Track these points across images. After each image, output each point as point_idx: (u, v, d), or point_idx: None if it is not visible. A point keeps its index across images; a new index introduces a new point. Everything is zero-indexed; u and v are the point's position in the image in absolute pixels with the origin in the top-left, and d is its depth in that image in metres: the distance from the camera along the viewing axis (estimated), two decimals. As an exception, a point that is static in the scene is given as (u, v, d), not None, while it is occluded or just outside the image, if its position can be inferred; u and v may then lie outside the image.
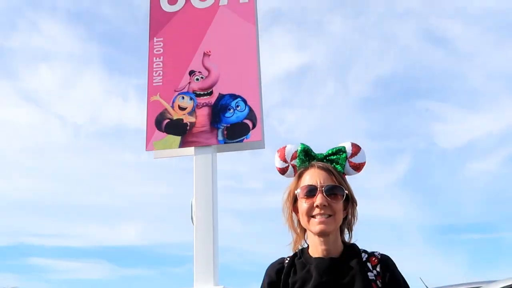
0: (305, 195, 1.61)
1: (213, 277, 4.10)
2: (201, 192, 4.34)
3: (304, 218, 1.62)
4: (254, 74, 4.60)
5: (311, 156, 1.72)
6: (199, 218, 4.28)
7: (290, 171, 1.75)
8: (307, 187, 1.62)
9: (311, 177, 1.64)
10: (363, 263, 1.60)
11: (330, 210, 1.58)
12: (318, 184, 1.60)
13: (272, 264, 1.72)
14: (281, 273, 1.64)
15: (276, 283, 1.63)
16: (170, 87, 4.68)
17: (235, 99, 4.53)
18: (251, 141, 4.43)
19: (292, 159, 1.75)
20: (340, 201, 1.61)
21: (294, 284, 1.59)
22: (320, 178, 1.62)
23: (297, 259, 1.67)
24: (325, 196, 1.58)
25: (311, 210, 1.60)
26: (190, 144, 4.49)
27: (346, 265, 1.59)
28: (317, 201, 1.58)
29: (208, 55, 4.71)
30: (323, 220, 1.57)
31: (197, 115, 4.55)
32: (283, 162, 1.76)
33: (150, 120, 4.62)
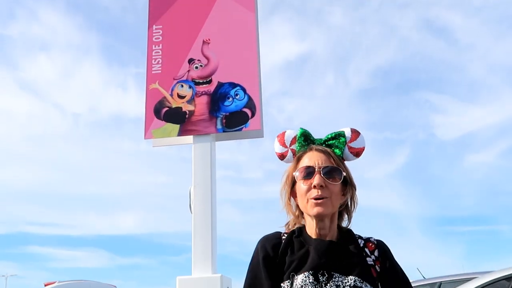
0: (303, 177, 1.61)
1: (211, 265, 4.11)
2: (199, 180, 4.34)
3: (303, 200, 1.61)
4: (254, 63, 4.58)
5: (310, 140, 1.72)
6: (197, 207, 4.28)
7: (290, 156, 1.75)
8: (305, 168, 1.61)
9: (309, 159, 1.64)
10: (361, 248, 1.60)
11: (328, 192, 1.57)
12: (316, 165, 1.60)
13: (267, 237, 1.68)
14: (277, 249, 1.61)
15: (271, 258, 1.60)
16: (169, 75, 4.66)
17: (234, 87, 4.51)
18: (250, 130, 4.42)
19: (291, 144, 1.75)
20: (338, 183, 1.60)
21: (292, 263, 1.57)
22: (319, 160, 1.62)
23: (295, 237, 1.65)
24: (323, 177, 1.58)
25: (309, 191, 1.59)
26: (189, 132, 4.48)
27: (345, 249, 1.59)
28: (315, 181, 1.57)
29: (207, 43, 4.69)
30: (320, 202, 1.56)
31: (196, 104, 4.53)
32: (283, 147, 1.76)
33: (148, 108, 4.60)
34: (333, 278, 1.50)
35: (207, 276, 4.04)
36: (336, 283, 1.49)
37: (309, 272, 1.52)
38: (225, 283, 4.05)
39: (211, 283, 3.96)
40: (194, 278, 4.05)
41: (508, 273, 4.19)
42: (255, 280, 1.60)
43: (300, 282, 1.50)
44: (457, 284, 5.11)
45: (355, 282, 1.48)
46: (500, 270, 4.33)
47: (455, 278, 6.47)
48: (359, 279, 1.49)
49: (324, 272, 1.51)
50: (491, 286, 4.29)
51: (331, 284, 1.49)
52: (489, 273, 4.50)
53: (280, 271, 1.57)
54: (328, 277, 1.51)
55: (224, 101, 4.48)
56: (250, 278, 1.62)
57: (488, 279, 4.33)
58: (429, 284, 6.87)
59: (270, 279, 1.56)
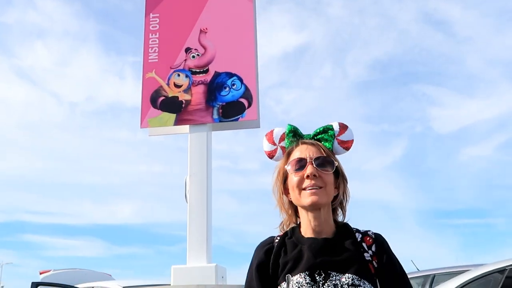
0: (295, 169, 1.58)
1: (206, 254, 4.12)
2: (195, 170, 4.33)
3: (296, 192, 1.57)
4: (251, 53, 4.55)
5: (299, 135, 1.69)
6: (192, 196, 4.28)
7: (279, 153, 1.72)
8: (297, 161, 1.59)
9: (300, 152, 1.61)
10: (358, 244, 1.56)
11: (321, 182, 1.54)
12: (308, 157, 1.58)
13: (261, 243, 1.67)
14: (270, 253, 1.59)
15: (265, 264, 1.57)
16: (165, 64, 4.63)
17: (231, 77, 4.49)
18: (247, 120, 4.40)
19: (280, 140, 1.72)
20: (331, 173, 1.57)
21: (286, 264, 1.54)
22: (310, 152, 1.60)
23: (288, 238, 1.62)
24: (315, 167, 1.55)
25: (302, 182, 1.55)
26: (185, 122, 4.47)
27: (341, 246, 1.55)
28: (307, 171, 1.54)
29: (204, 32, 4.65)
30: (315, 191, 1.53)
31: (192, 93, 4.51)
32: (272, 145, 1.73)
33: (145, 97, 4.57)
34: (330, 277, 1.47)
35: (202, 265, 4.05)
36: (333, 282, 1.46)
37: (305, 273, 1.48)
38: (219, 272, 4.06)
39: (206, 272, 3.97)
40: (189, 267, 4.06)
41: (501, 266, 4.20)
42: None
43: (296, 283, 1.47)
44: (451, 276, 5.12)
45: (352, 280, 1.45)
46: (494, 263, 4.34)
47: (449, 270, 6.50)
48: (357, 276, 1.46)
49: (320, 272, 1.48)
50: (484, 278, 4.30)
51: (328, 283, 1.46)
52: (482, 265, 4.51)
53: (275, 274, 1.55)
54: (325, 276, 1.47)
55: (220, 90, 4.46)
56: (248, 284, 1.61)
57: (481, 271, 4.34)
58: (423, 276, 6.89)
59: (263, 286, 1.55)
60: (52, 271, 9.71)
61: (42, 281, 8.05)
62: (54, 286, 6.80)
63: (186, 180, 4.35)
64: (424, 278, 6.80)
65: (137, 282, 6.59)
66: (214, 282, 3.89)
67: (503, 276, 4.10)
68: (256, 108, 4.37)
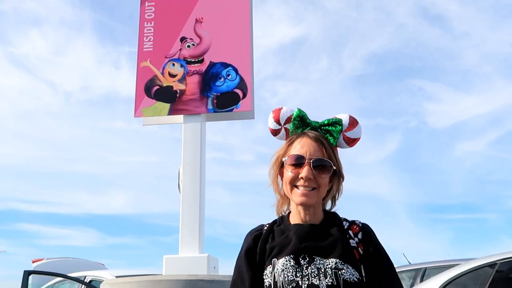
0: (292, 164, 1.57)
1: (198, 245, 4.12)
2: (189, 160, 4.32)
3: (288, 186, 1.58)
4: (247, 43, 4.53)
5: (305, 123, 1.67)
6: (186, 186, 4.27)
7: (282, 133, 1.70)
8: (295, 157, 1.57)
9: (301, 147, 1.59)
10: (345, 231, 1.58)
11: (315, 183, 1.55)
12: (307, 156, 1.56)
13: (250, 231, 1.69)
14: (259, 240, 1.61)
15: (253, 250, 1.60)
16: (160, 53, 4.60)
17: (226, 67, 4.47)
18: (241, 111, 4.39)
19: (286, 122, 1.69)
20: (327, 175, 1.57)
21: (272, 249, 1.56)
22: (310, 149, 1.57)
23: (276, 226, 1.64)
24: (312, 169, 1.54)
25: (296, 180, 1.56)
26: (179, 112, 4.45)
27: (326, 231, 1.56)
28: (302, 173, 1.54)
29: (200, 22, 4.62)
30: (306, 193, 1.54)
31: (187, 83, 4.49)
32: (277, 124, 1.70)
33: (139, 86, 4.55)
34: (314, 261, 1.49)
35: (194, 255, 4.05)
36: (317, 266, 1.48)
37: (290, 256, 1.51)
38: (211, 263, 4.07)
39: (198, 262, 3.97)
40: (181, 257, 4.06)
41: (491, 260, 4.22)
42: (239, 273, 1.61)
43: (281, 266, 1.50)
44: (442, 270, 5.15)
45: (336, 264, 1.48)
46: (484, 257, 4.37)
47: (440, 264, 6.54)
48: (340, 261, 1.48)
49: (305, 256, 1.51)
50: (475, 272, 4.33)
51: (312, 267, 1.48)
52: (473, 260, 4.54)
53: (262, 260, 1.57)
54: (309, 260, 1.50)
55: (215, 81, 4.44)
56: (235, 273, 1.63)
57: (472, 265, 4.37)
58: (414, 270, 6.93)
59: (251, 270, 1.57)
60: (44, 260, 9.71)
61: (35, 270, 8.05)
62: (46, 274, 6.80)
63: (179, 170, 4.34)
64: (415, 272, 6.84)
65: (130, 271, 6.59)
66: (206, 272, 3.90)
67: (494, 270, 4.13)
68: (250, 99, 4.36)
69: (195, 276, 3.46)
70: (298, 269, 1.49)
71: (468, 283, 4.34)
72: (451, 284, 4.42)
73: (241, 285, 1.58)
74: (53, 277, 7.08)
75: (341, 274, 1.46)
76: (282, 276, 1.48)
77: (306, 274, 1.47)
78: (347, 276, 1.46)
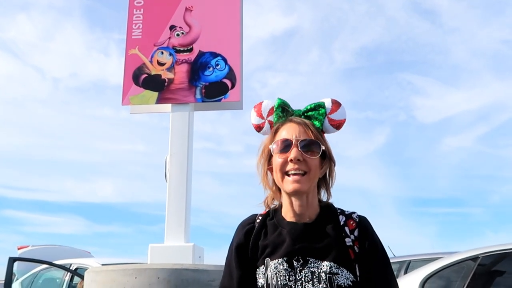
0: (279, 150, 1.53)
1: (184, 234, 4.12)
2: (176, 149, 4.31)
3: (278, 174, 1.53)
4: (236, 33, 4.50)
5: (288, 111, 1.63)
6: (172, 176, 4.26)
7: (267, 127, 1.65)
8: (282, 141, 1.53)
9: (287, 132, 1.55)
10: (340, 228, 1.52)
11: (305, 166, 1.49)
12: (294, 138, 1.51)
13: (242, 223, 1.64)
14: (250, 235, 1.57)
15: (244, 246, 1.56)
16: (149, 41, 4.56)
17: (215, 57, 4.44)
18: (229, 101, 4.37)
19: (268, 115, 1.65)
20: (316, 157, 1.52)
21: (265, 248, 1.52)
22: (296, 132, 1.53)
23: (269, 219, 1.60)
24: (300, 151, 1.49)
25: (285, 165, 1.51)
26: (167, 100, 4.42)
27: (322, 231, 1.51)
28: (291, 154, 1.49)
29: (190, 10, 4.59)
30: (298, 179, 1.49)
31: (175, 72, 4.46)
32: (260, 118, 1.67)
33: (127, 74, 4.50)
34: (308, 263, 1.46)
35: (179, 244, 4.05)
36: (311, 270, 1.45)
37: (283, 259, 1.47)
38: (197, 252, 4.07)
39: (183, 251, 3.97)
40: (166, 246, 4.06)
41: (474, 254, 4.28)
42: (228, 268, 1.59)
43: (274, 268, 1.47)
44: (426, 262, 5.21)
45: (330, 268, 1.43)
46: (467, 251, 4.43)
47: (424, 257, 6.63)
48: (335, 264, 1.44)
49: (299, 258, 1.47)
50: (458, 265, 4.38)
51: (306, 270, 1.45)
52: (456, 253, 4.59)
53: (254, 256, 1.54)
54: (303, 263, 1.46)
55: (204, 70, 4.42)
56: (225, 266, 1.61)
57: (455, 258, 4.42)
58: (399, 262, 7.01)
59: (239, 269, 1.54)
60: (30, 247, 9.67)
61: (20, 257, 8.01)
62: (31, 261, 6.77)
63: (166, 159, 4.33)
64: (400, 264, 6.93)
65: (116, 260, 6.59)
66: (191, 261, 3.90)
67: (476, 264, 4.18)
68: (239, 89, 4.34)
69: (180, 265, 3.46)
70: (291, 273, 1.45)
71: (451, 276, 4.40)
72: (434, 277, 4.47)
73: (229, 280, 1.56)
74: (39, 264, 7.06)
75: (335, 279, 1.42)
76: (275, 279, 1.45)
77: (300, 279, 1.44)
78: (341, 281, 1.42)
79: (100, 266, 5.14)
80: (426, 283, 4.42)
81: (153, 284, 3.37)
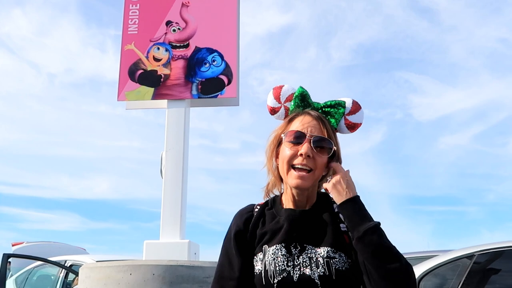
0: (291, 141, 1.50)
1: (179, 231, 4.10)
2: (172, 145, 4.29)
3: (285, 166, 1.51)
4: (233, 29, 4.48)
5: (307, 102, 1.60)
6: (168, 172, 4.24)
7: (281, 112, 1.63)
8: (295, 133, 1.50)
9: (301, 124, 1.52)
10: (335, 214, 1.52)
11: (313, 164, 1.48)
12: (308, 133, 1.49)
13: (240, 211, 1.63)
14: (249, 223, 1.56)
15: (243, 233, 1.55)
16: (145, 36, 4.53)
17: (211, 53, 4.42)
18: (226, 98, 4.35)
19: (286, 100, 1.62)
20: (326, 156, 1.51)
21: (263, 236, 1.52)
22: (311, 127, 1.51)
23: (268, 209, 1.59)
24: (311, 147, 1.47)
25: (294, 158, 1.49)
26: (163, 96, 4.39)
27: (318, 218, 1.52)
28: (302, 149, 1.47)
29: (186, 6, 4.56)
30: (302, 175, 1.47)
31: (172, 67, 4.43)
32: (276, 102, 1.63)
33: (123, 69, 4.48)
34: (306, 250, 1.46)
35: (174, 241, 4.04)
36: (308, 255, 1.44)
37: (281, 245, 1.47)
38: (192, 249, 4.06)
39: (178, 248, 3.96)
40: (161, 242, 4.04)
41: (469, 252, 4.29)
42: (226, 256, 1.57)
43: (272, 254, 1.46)
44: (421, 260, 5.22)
45: (327, 253, 1.44)
46: (462, 249, 4.44)
47: (419, 255, 6.63)
48: (332, 249, 1.44)
49: (296, 244, 1.47)
50: (453, 263, 4.39)
51: (303, 256, 1.45)
52: (451, 251, 4.60)
53: (252, 245, 1.53)
54: (301, 249, 1.46)
55: (200, 66, 4.39)
56: (223, 254, 1.59)
57: (451, 256, 4.43)
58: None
59: (240, 256, 1.53)
60: (25, 243, 9.62)
61: (14, 253, 7.97)
62: (26, 258, 6.73)
63: (162, 155, 4.31)
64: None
65: (111, 256, 6.56)
66: (187, 258, 3.89)
67: (471, 262, 4.19)
68: (235, 86, 4.33)
69: (175, 262, 3.44)
70: (290, 258, 1.45)
71: (447, 274, 4.41)
72: (429, 275, 4.48)
73: (229, 268, 1.54)
74: (33, 261, 7.03)
75: (333, 263, 1.42)
76: (273, 264, 1.45)
77: (298, 264, 1.44)
78: (339, 265, 1.42)
79: (94, 262, 5.12)
80: (421, 280, 4.43)
81: (148, 280, 3.35)
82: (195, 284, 3.35)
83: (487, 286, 4.11)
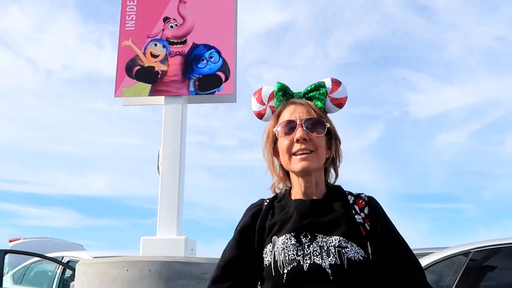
0: (284, 132, 1.50)
1: (176, 227, 4.11)
2: (169, 142, 4.29)
3: (285, 156, 1.50)
4: (231, 25, 4.48)
5: (289, 94, 1.60)
6: (165, 168, 4.24)
7: (268, 113, 1.62)
8: (286, 123, 1.50)
9: (290, 113, 1.52)
10: (350, 206, 1.49)
11: (312, 145, 1.47)
12: (298, 119, 1.49)
13: (250, 206, 1.61)
14: (257, 217, 1.54)
15: (250, 227, 1.52)
16: (142, 32, 4.52)
17: (209, 49, 4.41)
18: (223, 94, 4.35)
19: (269, 100, 1.62)
20: (322, 135, 1.50)
21: (272, 226, 1.49)
22: (300, 113, 1.51)
23: (277, 201, 1.57)
24: (305, 130, 1.47)
25: (292, 146, 1.48)
26: (160, 93, 4.39)
27: (329, 207, 1.48)
28: (297, 134, 1.46)
29: (184, 2, 4.55)
30: (305, 157, 1.46)
31: (169, 64, 4.43)
32: (260, 105, 1.63)
33: (120, 65, 4.47)
34: (316, 239, 1.41)
35: (171, 237, 4.04)
36: (319, 244, 1.40)
37: (291, 234, 1.43)
38: (189, 245, 4.06)
39: (175, 244, 3.96)
40: (158, 238, 4.05)
41: (465, 249, 4.29)
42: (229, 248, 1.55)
43: (282, 244, 1.42)
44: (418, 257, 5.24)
45: (339, 242, 1.39)
46: (458, 246, 4.44)
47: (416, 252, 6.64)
48: (344, 238, 1.40)
49: (306, 233, 1.43)
50: (449, 260, 4.40)
51: (314, 245, 1.40)
52: (447, 248, 4.61)
53: (261, 237, 1.50)
54: (311, 238, 1.42)
55: (198, 63, 4.39)
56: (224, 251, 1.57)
57: (447, 253, 4.44)
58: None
59: (238, 249, 1.51)
60: (22, 240, 9.62)
61: (11, 249, 7.97)
62: (23, 254, 6.73)
63: (159, 152, 4.31)
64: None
65: (108, 253, 6.57)
66: (183, 254, 3.89)
67: (467, 259, 4.20)
68: (233, 82, 4.32)
69: (172, 258, 3.45)
70: (300, 248, 1.41)
71: (443, 271, 4.42)
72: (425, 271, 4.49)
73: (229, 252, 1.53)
74: (30, 257, 7.03)
75: (345, 253, 1.37)
76: (283, 254, 1.41)
77: (308, 253, 1.39)
78: (351, 255, 1.37)
79: (91, 258, 5.12)
80: (417, 277, 4.44)
81: (144, 276, 3.36)
82: (192, 280, 3.36)
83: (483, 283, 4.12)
